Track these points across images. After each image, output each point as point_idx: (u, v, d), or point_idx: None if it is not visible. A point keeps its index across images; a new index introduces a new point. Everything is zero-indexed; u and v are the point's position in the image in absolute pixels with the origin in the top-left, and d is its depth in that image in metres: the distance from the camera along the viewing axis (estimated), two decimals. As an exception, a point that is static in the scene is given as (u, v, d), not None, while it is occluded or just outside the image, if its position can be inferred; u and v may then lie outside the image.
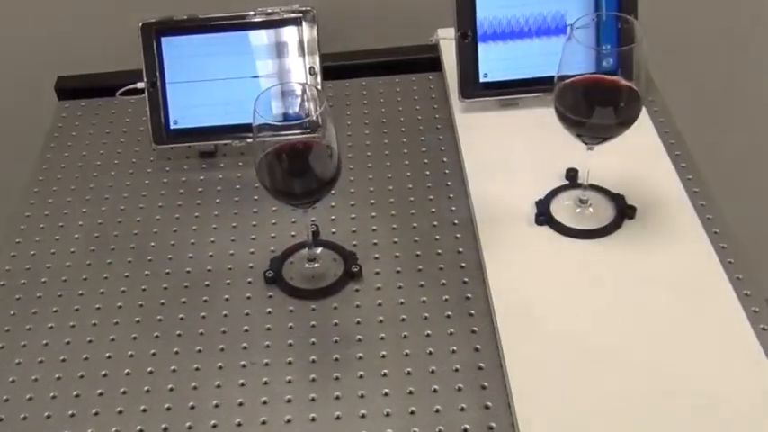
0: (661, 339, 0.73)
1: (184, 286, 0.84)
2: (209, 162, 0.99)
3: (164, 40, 0.96)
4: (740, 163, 1.45)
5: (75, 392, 0.76)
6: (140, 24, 0.96)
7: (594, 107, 0.75)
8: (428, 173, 0.95)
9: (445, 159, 0.97)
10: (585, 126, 0.75)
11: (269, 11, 0.96)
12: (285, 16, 0.96)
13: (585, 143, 0.77)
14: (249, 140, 0.99)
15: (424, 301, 0.81)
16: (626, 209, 0.83)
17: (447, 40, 1.07)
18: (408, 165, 0.96)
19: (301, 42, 0.96)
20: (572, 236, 0.82)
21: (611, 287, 0.78)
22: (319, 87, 0.96)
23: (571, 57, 0.74)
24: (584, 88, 0.75)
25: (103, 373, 0.77)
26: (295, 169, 0.76)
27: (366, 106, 1.06)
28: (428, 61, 1.10)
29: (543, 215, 0.83)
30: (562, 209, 0.85)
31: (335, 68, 1.07)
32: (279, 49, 0.96)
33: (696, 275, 0.78)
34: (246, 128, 0.97)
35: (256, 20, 0.96)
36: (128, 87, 1.00)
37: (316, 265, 0.85)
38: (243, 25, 0.96)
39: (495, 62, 0.96)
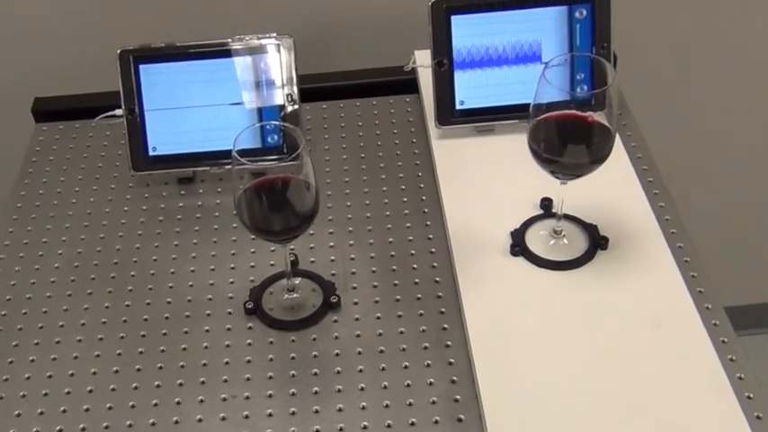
0: (632, 372, 0.76)
1: (165, 317, 0.86)
2: (187, 188, 1.01)
3: (142, 67, 0.97)
4: (711, 189, 1.49)
5: (57, 427, 0.77)
6: (118, 51, 0.97)
7: (567, 146, 0.77)
8: (406, 199, 0.97)
9: (422, 185, 0.99)
10: (558, 164, 0.77)
11: (247, 38, 0.97)
12: (263, 43, 0.97)
13: (559, 179, 0.80)
14: (228, 167, 1.01)
15: (401, 332, 0.83)
16: (599, 240, 0.86)
17: (422, 60, 1.10)
18: (386, 191, 0.98)
19: (280, 69, 0.98)
20: (546, 267, 0.84)
21: (584, 319, 0.80)
22: (297, 127, 0.98)
23: (544, 95, 0.76)
24: (557, 126, 0.77)
25: (86, 407, 0.78)
26: (274, 207, 0.78)
27: (344, 130, 1.07)
28: (405, 83, 1.12)
29: (518, 246, 0.86)
30: (537, 239, 0.87)
31: (313, 90, 1.09)
32: (257, 77, 0.98)
33: (666, 307, 0.81)
34: (225, 154, 0.99)
35: (234, 47, 0.97)
36: (106, 114, 1.02)
37: (295, 295, 0.87)
38: (221, 53, 0.97)
39: (471, 89, 0.98)
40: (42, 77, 1.23)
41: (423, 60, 1.09)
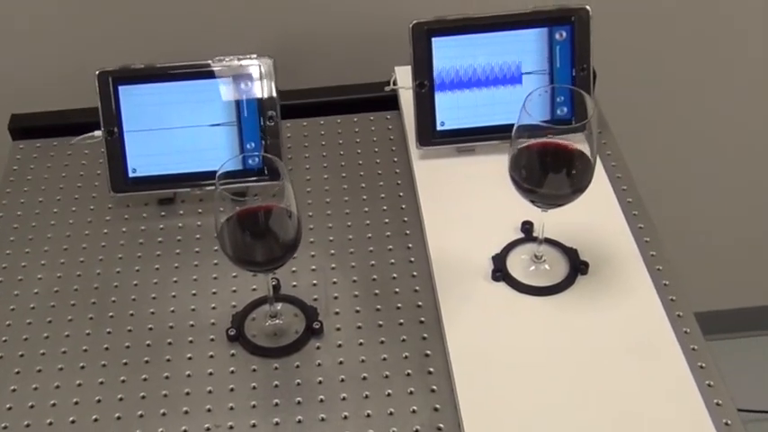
0: (614, 399, 0.77)
1: (147, 345, 0.86)
2: (168, 209, 1.01)
3: (121, 88, 0.97)
4: (683, 196, 1.52)
5: (40, 460, 0.78)
6: (97, 72, 0.97)
7: (548, 176, 0.78)
8: (387, 220, 0.98)
9: (404, 206, 1.00)
10: (539, 194, 0.78)
11: (227, 59, 0.97)
12: (244, 64, 0.98)
13: (539, 208, 0.81)
14: (209, 188, 1.01)
15: (384, 359, 0.84)
16: (579, 264, 0.87)
17: (403, 77, 1.10)
18: (368, 212, 0.99)
19: (260, 91, 0.98)
20: (527, 293, 0.86)
21: (565, 346, 0.82)
22: (281, 159, 0.98)
23: (524, 127, 0.77)
24: (538, 156, 0.78)
25: (68, 439, 0.79)
26: (256, 238, 0.78)
27: (324, 148, 1.08)
28: (386, 99, 1.12)
29: (499, 271, 0.87)
30: (518, 264, 0.88)
31: (293, 107, 1.09)
32: (237, 98, 0.98)
33: (645, 333, 0.82)
34: (206, 176, 1.00)
35: (215, 68, 0.98)
36: (85, 136, 1.01)
37: (277, 321, 0.87)
38: (201, 74, 0.98)
39: (451, 111, 0.99)
40: (19, 93, 1.22)
41: (403, 76, 1.10)
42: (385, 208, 0.99)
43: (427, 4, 1.20)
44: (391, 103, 1.12)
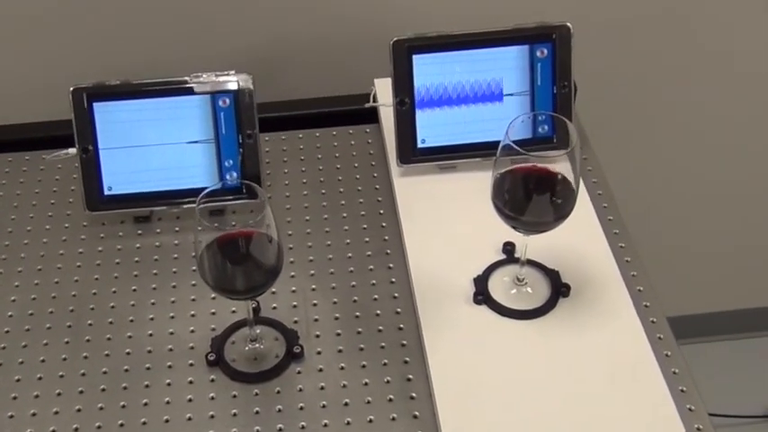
0: (596, 423, 0.78)
1: (125, 370, 0.86)
2: (144, 227, 1.00)
3: (96, 105, 0.96)
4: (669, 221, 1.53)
5: (17, 491, 0.77)
6: (71, 89, 0.96)
7: (529, 204, 0.79)
8: (367, 239, 0.98)
9: (384, 224, 1.00)
10: (520, 221, 0.79)
11: (204, 76, 0.97)
12: (221, 80, 0.97)
13: (521, 233, 0.81)
14: (186, 206, 1.01)
15: (366, 384, 0.84)
16: (561, 287, 0.88)
17: (383, 90, 1.10)
18: (348, 230, 0.99)
19: (238, 108, 0.98)
20: (509, 316, 0.86)
21: (548, 370, 0.83)
22: (260, 177, 0.98)
23: (506, 154, 0.77)
24: (520, 183, 0.79)
25: (46, 469, 0.79)
26: (237, 266, 0.78)
27: (303, 163, 1.08)
28: (366, 112, 1.12)
29: (481, 294, 0.88)
30: (500, 287, 0.89)
31: (271, 120, 1.09)
32: (215, 115, 0.98)
33: (626, 357, 0.83)
34: (183, 194, 0.99)
35: (192, 85, 0.97)
36: (58, 153, 1.00)
37: (257, 345, 0.87)
38: (178, 90, 0.97)
39: (432, 128, 0.99)
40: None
41: (383, 89, 1.10)
42: (365, 226, 1.00)
43: (408, 13, 1.20)
44: (371, 115, 1.12)
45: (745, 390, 1.69)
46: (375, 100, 1.08)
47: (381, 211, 1.01)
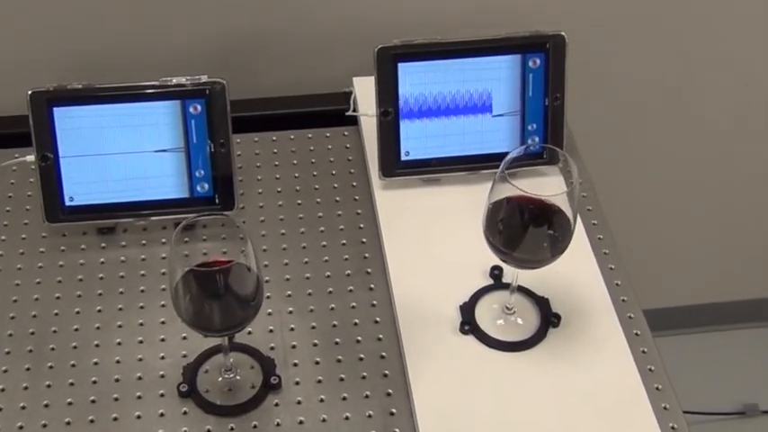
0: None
1: (91, 401, 0.85)
2: (108, 239, 0.98)
3: (56, 110, 0.93)
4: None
5: None
6: (29, 93, 0.93)
7: (523, 241, 0.78)
8: (347, 257, 0.97)
9: (364, 239, 0.99)
10: (513, 257, 0.79)
11: (173, 81, 0.94)
12: (192, 85, 0.94)
13: (511, 267, 0.81)
14: (153, 218, 0.98)
15: (347, 418, 0.84)
16: (551, 316, 0.88)
17: (363, 90, 1.08)
18: (326, 247, 0.98)
19: (209, 115, 0.95)
20: (497, 347, 0.86)
21: (536, 404, 0.83)
22: (232, 188, 0.97)
23: (501, 192, 0.77)
24: (515, 219, 0.78)
25: None
26: (215, 303, 0.76)
27: (278, 169, 1.06)
28: (343, 112, 1.10)
29: (468, 324, 0.87)
30: (487, 315, 0.89)
31: (241, 119, 1.06)
32: (185, 123, 0.95)
33: (616, 391, 0.84)
34: (149, 205, 0.97)
35: (160, 91, 0.94)
36: (14, 161, 0.97)
37: (232, 375, 0.86)
38: (145, 96, 0.94)
39: (417, 140, 0.98)
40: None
41: (363, 88, 1.08)
42: (344, 242, 0.98)
43: (391, 3, 1.18)
44: (349, 116, 1.10)
45: (720, 385, 1.73)
46: (355, 102, 1.06)
47: (361, 225, 1.00)
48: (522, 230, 0.78)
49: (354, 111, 1.04)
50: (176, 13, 1.15)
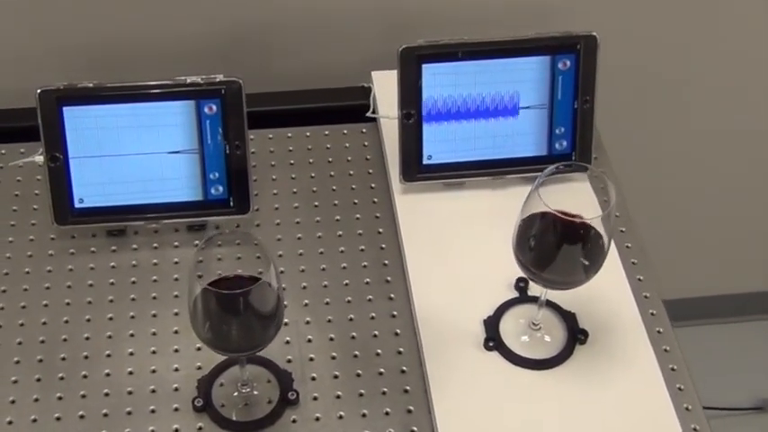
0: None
1: (103, 414, 0.84)
2: (119, 242, 0.97)
3: (66, 109, 0.92)
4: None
5: None
6: (38, 91, 0.91)
7: (554, 262, 0.77)
8: (365, 263, 0.96)
9: (383, 245, 0.98)
10: (542, 278, 0.78)
11: (188, 80, 0.92)
12: (208, 85, 0.93)
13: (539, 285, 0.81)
14: (165, 221, 0.97)
15: (367, 436, 0.84)
16: (578, 332, 0.87)
17: (383, 86, 1.07)
18: (344, 253, 0.97)
19: (225, 116, 0.94)
20: (522, 365, 0.86)
21: (561, 423, 0.83)
22: (248, 191, 0.96)
23: (533, 209, 0.76)
24: (547, 239, 0.77)
25: None
26: (236, 324, 0.76)
27: (293, 168, 1.05)
28: (362, 108, 1.09)
29: (493, 340, 0.87)
30: (512, 331, 0.88)
31: (255, 114, 1.04)
32: (199, 123, 0.94)
33: (644, 411, 0.84)
34: (161, 208, 0.96)
35: (173, 90, 0.92)
36: (24, 161, 0.96)
37: (248, 389, 0.86)
38: (158, 95, 0.93)
39: (440, 143, 0.97)
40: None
41: (383, 83, 1.07)
42: (363, 248, 0.98)
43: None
44: (367, 110, 1.09)
45: (737, 379, 1.73)
46: (375, 101, 1.04)
47: (380, 230, 0.99)
48: (554, 251, 0.77)
49: (374, 112, 1.03)
50: (185, 2, 1.14)
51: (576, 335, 0.88)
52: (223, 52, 1.16)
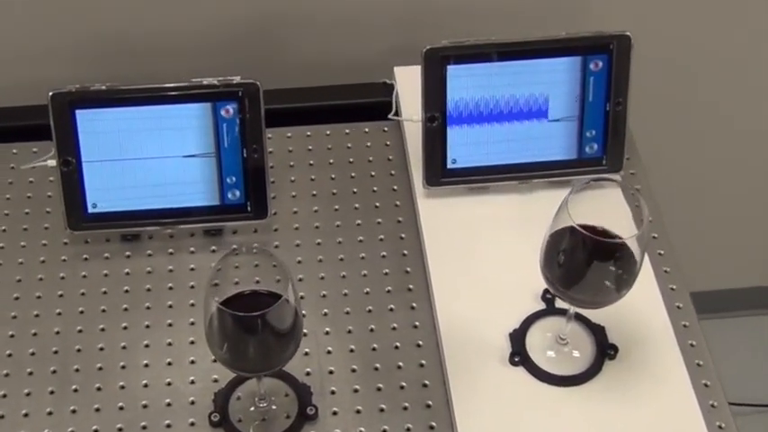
0: None
1: (118, 429, 0.84)
2: (133, 247, 0.97)
3: (79, 113, 0.91)
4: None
5: None
6: (50, 94, 0.90)
7: (582, 282, 0.76)
8: (387, 271, 0.95)
9: (406, 252, 0.97)
10: (569, 296, 0.77)
11: (205, 82, 0.91)
12: (223, 89, 0.91)
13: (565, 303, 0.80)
14: (181, 226, 0.97)
15: (388, 454, 0.84)
16: (607, 347, 0.86)
17: (406, 83, 1.05)
18: (365, 259, 0.96)
19: (242, 119, 0.92)
20: (549, 382, 0.85)
21: (589, 443, 0.82)
22: (266, 196, 0.95)
23: (561, 222, 0.74)
24: (576, 257, 0.76)
25: None
26: (251, 342, 0.75)
27: (313, 169, 1.03)
28: (383, 104, 1.07)
29: (518, 354, 0.86)
30: (539, 345, 0.87)
31: (272, 112, 1.03)
32: (216, 126, 0.93)
33: (676, 430, 0.83)
34: (177, 213, 0.96)
35: (189, 92, 0.91)
36: (35, 164, 0.95)
37: (266, 404, 0.85)
38: (173, 98, 0.92)
39: (465, 147, 0.95)
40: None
41: (405, 79, 1.05)
42: (384, 254, 0.96)
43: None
44: (389, 107, 1.07)
45: (764, 374, 1.71)
46: (397, 101, 1.03)
47: (402, 235, 0.98)
48: (584, 269, 0.75)
49: (397, 113, 1.01)
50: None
51: (605, 350, 0.86)
52: (238, 44, 1.14)
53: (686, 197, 1.47)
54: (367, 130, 1.08)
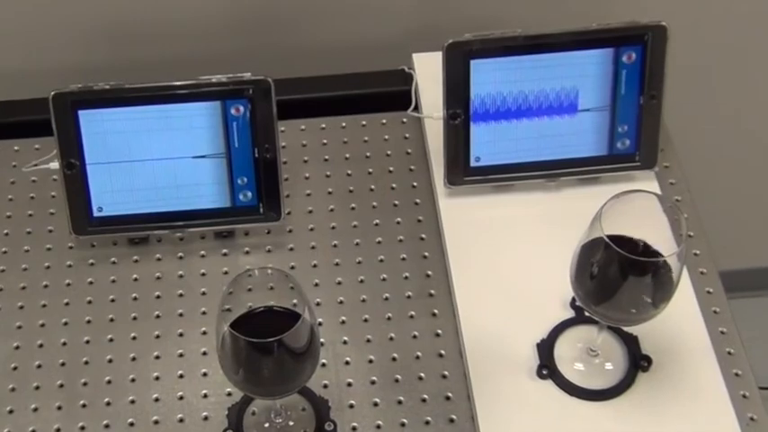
0: None
1: (129, 448, 0.84)
2: (141, 251, 0.95)
3: (81, 113, 0.89)
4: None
5: None
6: (52, 94, 0.88)
7: (616, 299, 0.74)
8: (407, 275, 0.93)
9: (426, 254, 0.95)
10: (603, 315, 0.75)
11: (213, 80, 0.89)
12: (234, 84, 0.89)
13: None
14: (191, 229, 0.95)
15: (410, 474, 0.82)
16: (640, 358, 0.84)
17: (425, 71, 1.02)
18: (384, 262, 0.94)
19: (253, 117, 0.90)
20: (579, 396, 0.83)
21: (621, 462, 0.80)
22: (279, 197, 0.93)
23: (593, 234, 0.72)
24: (615, 271, 0.73)
25: None
26: (266, 367, 0.74)
27: (328, 165, 1.01)
28: (402, 94, 1.04)
29: (546, 367, 0.84)
30: (568, 357, 0.85)
31: (285, 102, 1.01)
32: (226, 125, 0.90)
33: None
34: (186, 215, 0.94)
35: (197, 91, 0.89)
36: (37, 167, 0.93)
37: (282, 420, 0.84)
38: (180, 97, 0.89)
39: (489, 144, 0.93)
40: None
41: (425, 66, 1.03)
42: (404, 257, 0.94)
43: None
44: (408, 97, 1.05)
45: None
46: (417, 93, 1.00)
47: (423, 236, 0.96)
48: (617, 287, 0.73)
49: (416, 108, 0.98)
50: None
51: (638, 361, 0.84)
52: (248, 28, 1.12)
53: (718, 178, 1.45)
54: (384, 121, 1.05)
